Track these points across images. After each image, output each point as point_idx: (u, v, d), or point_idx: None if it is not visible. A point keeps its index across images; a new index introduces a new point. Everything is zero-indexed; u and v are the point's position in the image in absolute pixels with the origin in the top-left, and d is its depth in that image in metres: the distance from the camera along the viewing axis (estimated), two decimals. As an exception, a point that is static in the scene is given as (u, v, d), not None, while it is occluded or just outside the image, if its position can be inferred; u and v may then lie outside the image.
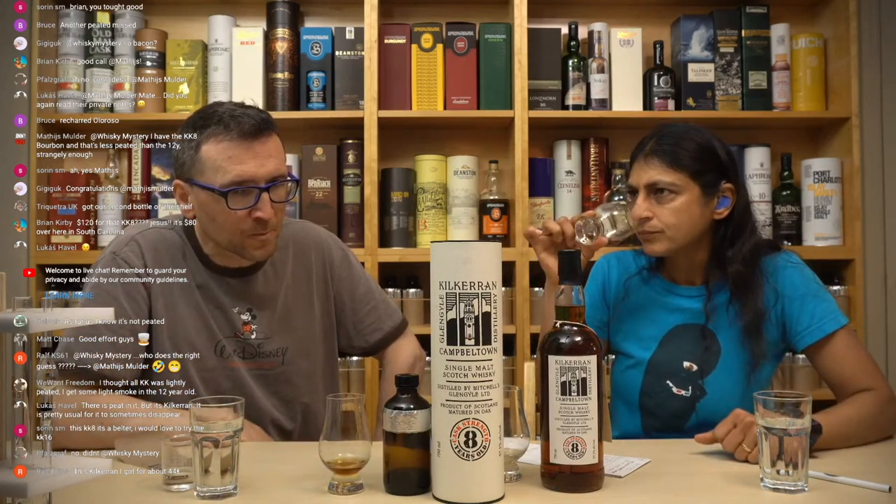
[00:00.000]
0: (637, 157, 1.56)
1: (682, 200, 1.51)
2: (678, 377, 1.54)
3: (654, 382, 1.56)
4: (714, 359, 1.53)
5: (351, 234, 2.51)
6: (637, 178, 1.54)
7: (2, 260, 1.31)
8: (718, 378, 1.52)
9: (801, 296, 1.51)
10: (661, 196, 1.51)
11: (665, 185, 1.50)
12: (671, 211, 1.51)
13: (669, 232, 1.51)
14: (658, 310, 1.60)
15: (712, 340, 1.54)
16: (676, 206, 1.50)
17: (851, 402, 1.43)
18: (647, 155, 1.53)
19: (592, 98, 2.57)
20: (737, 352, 1.52)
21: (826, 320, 1.49)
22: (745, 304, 1.51)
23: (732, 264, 1.52)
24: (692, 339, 1.55)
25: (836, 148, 2.64)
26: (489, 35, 2.54)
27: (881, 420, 1.42)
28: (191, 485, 1.13)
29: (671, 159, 1.51)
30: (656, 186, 1.51)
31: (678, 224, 1.51)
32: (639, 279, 1.64)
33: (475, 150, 2.65)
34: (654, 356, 1.57)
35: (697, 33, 2.60)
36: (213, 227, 1.50)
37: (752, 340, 1.50)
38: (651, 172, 1.52)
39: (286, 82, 2.54)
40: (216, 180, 1.44)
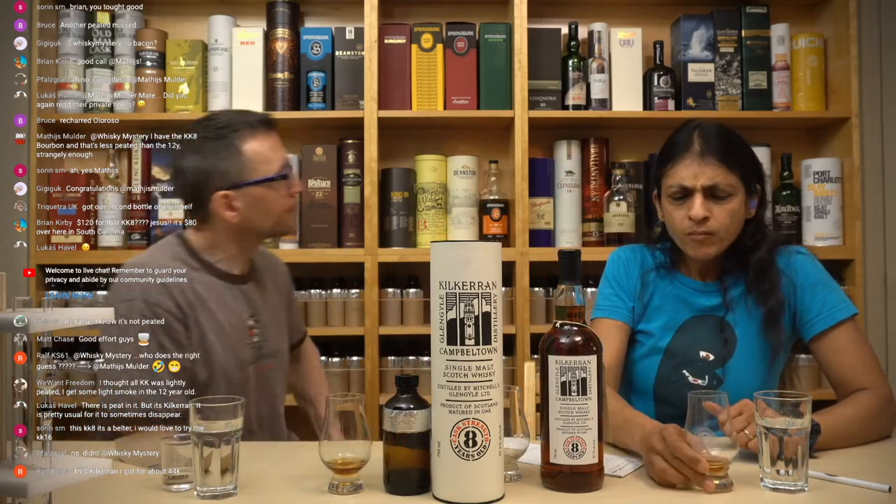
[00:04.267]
0: (683, 156, 1.51)
1: (737, 202, 1.50)
2: (694, 366, 1.54)
3: (669, 371, 1.56)
4: (731, 349, 1.53)
5: (351, 234, 2.51)
6: (693, 178, 1.49)
7: (2, 260, 1.32)
8: (735, 368, 1.52)
9: (813, 284, 1.53)
10: (718, 198, 1.49)
11: (724, 187, 1.48)
12: (728, 212, 1.49)
13: (722, 233, 1.50)
14: (675, 303, 1.60)
15: (729, 331, 1.54)
16: (732, 207, 1.49)
17: (850, 401, 1.44)
18: (702, 155, 1.49)
19: (592, 98, 2.57)
20: (754, 342, 1.53)
21: (837, 309, 1.51)
22: (764, 293, 1.52)
23: (754, 257, 1.53)
24: (708, 330, 1.55)
25: (836, 148, 2.64)
26: (489, 35, 2.54)
27: (880, 420, 1.42)
28: (191, 485, 1.13)
29: (728, 161, 1.49)
30: (717, 188, 1.48)
31: (731, 225, 1.50)
32: (655, 274, 1.62)
33: (475, 150, 2.65)
34: (671, 344, 1.57)
35: (697, 33, 2.60)
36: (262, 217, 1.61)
37: (770, 330, 1.51)
38: (710, 173, 1.48)
39: (286, 82, 2.54)
40: (270, 170, 1.60)
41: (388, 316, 2.51)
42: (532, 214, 2.54)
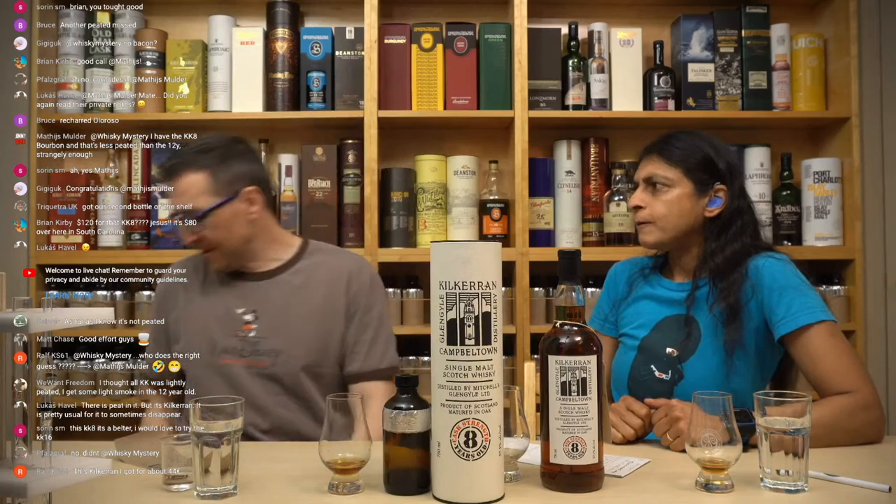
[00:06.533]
0: (641, 157, 1.70)
1: (675, 194, 1.62)
2: (661, 361, 1.60)
3: (641, 365, 1.63)
4: (693, 345, 1.59)
5: (351, 234, 2.51)
6: (638, 173, 1.68)
7: (2, 260, 1.32)
8: (695, 363, 1.57)
9: (781, 287, 1.53)
10: (656, 189, 1.63)
11: (659, 179, 1.63)
12: (663, 203, 1.62)
13: (660, 223, 1.62)
14: (652, 302, 1.69)
15: (694, 328, 1.60)
16: (668, 198, 1.62)
17: (824, 403, 1.42)
18: (648, 152, 1.67)
19: (592, 98, 2.57)
20: (713, 339, 1.57)
21: (802, 313, 1.49)
22: (722, 291, 1.56)
23: (714, 257, 1.60)
24: (676, 327, 1.62)
25: (836, 148, 2.64)
26: (489, 35, 2.54)
27: (852, 424, 1.40)
28: (191, 485, 1.13)
29: (667, 156, 1.63)
30: (652, 179, 1.64)
31: (668, 215, 1.62)
32: (641, 276, 1.76)
33: (475, 150, 2.65)
34: (644, 342, 1.65)
35: (697, 33, 2.60)
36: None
37: (726, 327, 1.54)
38: (649, 167, 1.65)
39: (286, 82, 2.54)
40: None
41: (388, 316, 2.51)
42: (532, 214, 2.54)
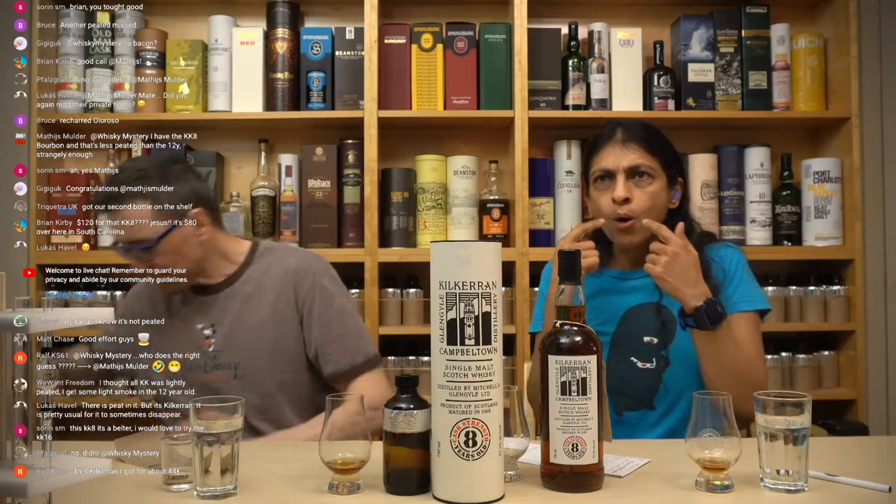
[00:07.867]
0: (606, 145, 1.59)
1: (657, 186, 1.58)
2: (640, 352, 1.58)
3: (618, 361, 1.59)
4: (671, 331, 1.58)
5: (351, 234, 2.51)
6: (615, 161, 1.57)
7: (2, 260, 1.32)
8: (679, 347, 1.56)
9: (733, 272, 1.58)
10: (639, 180, 1.57)
11: (646, 169, 1.56)
12: (648, 195, 1.56)
13: (644, 217, 1.54)
14: (611, 296, 1.64)
15: (667, 314, 1.58)
16: (652, 190, 1.57)
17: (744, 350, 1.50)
18: (625, 141, 1.58)
19: (592, 98, 2.57)
20: None
21: (743, 301, 1.56)
22: None
23: None
24: (648, 316, 1.60)
25: (836, 148, 2.64)
26: (489, 35, 2.54)
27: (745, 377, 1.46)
28: (191, 485, 1.13)
29: (649, 145, 1.58)
30: (638, 170, 1.56)
31: (651, 209, 1.57)
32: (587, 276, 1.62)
33: (475, 150, 2.65)
34: (615, 336, 1.61)
35: (697, 33, 2.60)
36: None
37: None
38: (632, 156, 1.56)
39: (286, 82, 2.54)
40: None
41: (388, 316, 2.51)
42: (532, 214, 2.54)
